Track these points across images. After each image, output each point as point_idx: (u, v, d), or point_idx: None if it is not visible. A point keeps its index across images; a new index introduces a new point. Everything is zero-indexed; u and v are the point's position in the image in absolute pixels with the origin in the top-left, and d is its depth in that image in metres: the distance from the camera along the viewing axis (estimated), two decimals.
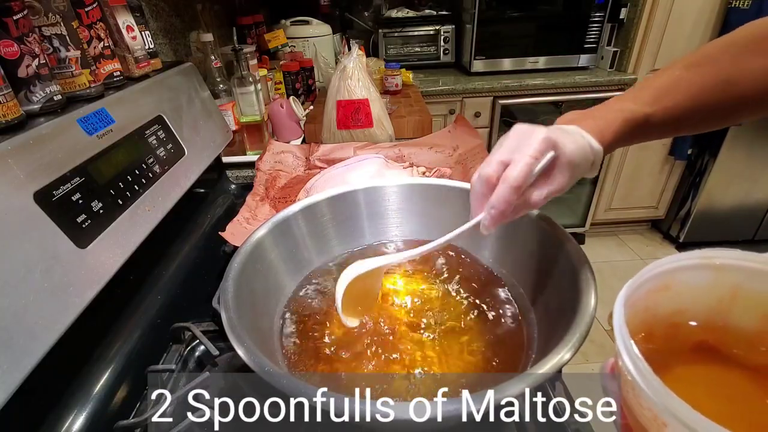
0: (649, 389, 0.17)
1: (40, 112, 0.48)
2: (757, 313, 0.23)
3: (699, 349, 0.23)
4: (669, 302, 0.23)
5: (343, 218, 0.55)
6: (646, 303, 0.23)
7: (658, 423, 0.18)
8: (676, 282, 0.23)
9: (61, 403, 0.43)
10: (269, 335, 0.42)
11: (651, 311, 0.23)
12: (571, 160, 0.34)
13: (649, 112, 0.37)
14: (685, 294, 0.23)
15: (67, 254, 0.41)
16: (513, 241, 0.50)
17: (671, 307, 0.23)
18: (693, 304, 0.23)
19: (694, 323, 0.24)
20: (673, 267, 0.23)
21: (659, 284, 0.23)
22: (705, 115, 0.37)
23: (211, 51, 1.02)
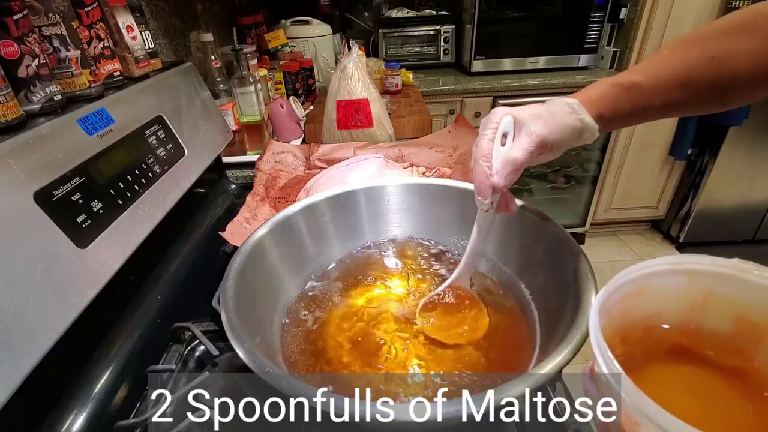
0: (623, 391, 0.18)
1: (40, 112, 0.48)
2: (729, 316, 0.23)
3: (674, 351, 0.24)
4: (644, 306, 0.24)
5: (343, 218, 0.55)
6: (621, 307, 0.23)
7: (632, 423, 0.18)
8: (650, 287, 0.24)
9: (61, 403, 0.43)
10: (269, 335, 0.42)
11: (627, 315, 0.24)
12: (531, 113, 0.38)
13: (637, 79, 0.38)
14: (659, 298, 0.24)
15: (67, 254, 0.41)
16: (513, 242, 0.50)
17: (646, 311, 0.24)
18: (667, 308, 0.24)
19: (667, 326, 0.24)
20: (645, 272, 0.23)
21: (633, 289, 0.23)
22: (692, 91, 0.37)
23: (211, 51, 1.02)
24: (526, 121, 0.37)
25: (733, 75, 0.36)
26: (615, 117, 0.39)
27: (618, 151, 1.88)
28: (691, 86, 0.37)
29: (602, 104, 0.38)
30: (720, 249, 2.01)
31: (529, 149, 0.36)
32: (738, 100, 0.38)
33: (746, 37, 0.35)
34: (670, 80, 0.37)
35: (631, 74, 0.39)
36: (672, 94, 0.38)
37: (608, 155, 1.87)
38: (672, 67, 0.37)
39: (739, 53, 0.35)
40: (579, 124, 0.38)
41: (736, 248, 2.01)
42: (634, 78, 0.38)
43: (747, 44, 0.35)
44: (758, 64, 0.35)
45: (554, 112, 0.38)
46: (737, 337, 0.23)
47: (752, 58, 0.35)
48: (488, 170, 0.37)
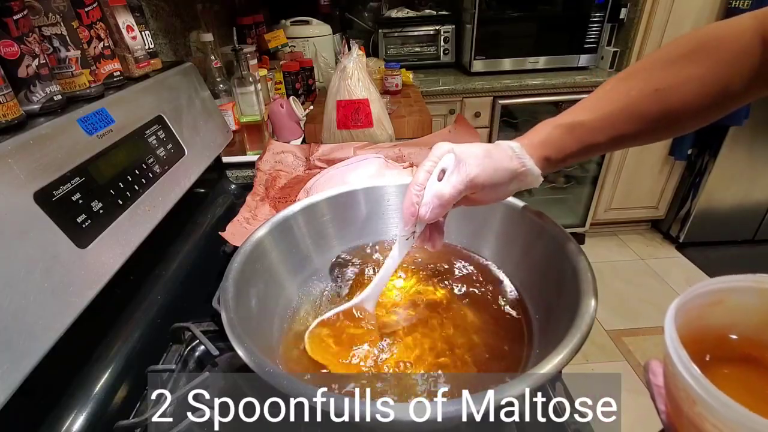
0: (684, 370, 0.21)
1: (40, 112, 0.48)
2: None
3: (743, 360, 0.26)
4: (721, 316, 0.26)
5: (343, 218, 0.55)
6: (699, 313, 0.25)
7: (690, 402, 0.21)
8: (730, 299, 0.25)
9: (61, 403, 0.43)
10: (269, 335, 0.42)
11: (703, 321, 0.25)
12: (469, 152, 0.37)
13: (581, 119, 0.37)
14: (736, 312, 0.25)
15: (67, 254, 0.41)
16: (513, 242, 0.50)
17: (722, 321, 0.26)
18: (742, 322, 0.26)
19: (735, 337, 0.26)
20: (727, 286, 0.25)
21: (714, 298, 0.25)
22: (640, 125, 0.37)
23: (211, 51, 1.02)
24: (462, 159, 0.37)
25: (680, 105, 0.35)
26: (564, 157, 0.39)
27: (618, 151, 1.88)
28: (637, 120, 0.37)
29: (547, 147, 0.38)
30: (720, 249, 2.01)
31: (457, 187, 0.37)
32: (688, 127, 0.38)
33: (692, 64, 0.34)
34: (615, 116, 0.37)
35: (574, 114, 0.38)
36: (618, 130, 0.37)
37: (608, 155, 1.87)
38: (616, 103, 0.37)
39: (685, 82, 0.34)
40: (520, 167, 0.38)
41: (736, 248, 2.02)
42: (577, 117, 0.38)
43: (693, 71, 0.34)
44: (705, 91, 0.34)
45: (493, 154, 0.38)
46: None
47: (699, 85, 0.34)
48: (416, 199, 0.38)
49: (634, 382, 1.43)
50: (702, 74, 0.34)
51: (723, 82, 0.34)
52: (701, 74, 0.34)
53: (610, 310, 1.73)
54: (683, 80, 0.35)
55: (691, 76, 0.34)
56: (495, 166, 0.37)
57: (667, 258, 2.02)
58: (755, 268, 0.25)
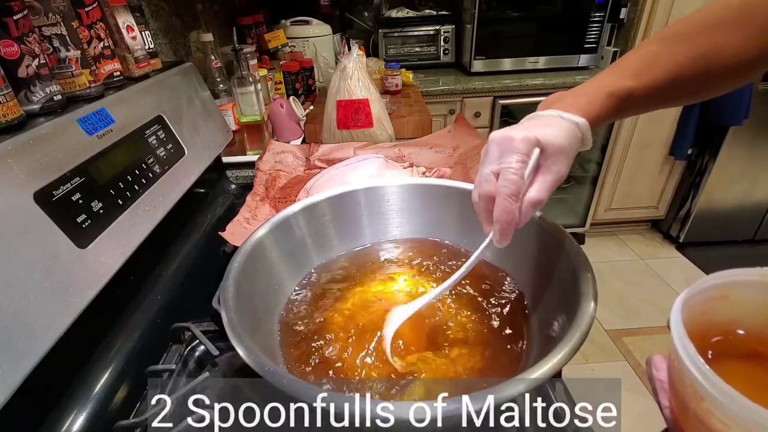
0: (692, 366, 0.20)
1: (40, 112, 0.48)
2: None
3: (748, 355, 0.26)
4: (726, 311, 0.25)
5: (343, 218, 0.55)
6: (704, 307, 0.25)
7: (697, 398, 0.21)
8: (735, 294, 0.25)
9: (61, 403, 0.43)
10: (269, 335, 0.42)
11: (708, 316, 0.25)
12: (559, 147, 0.35)
13: (632, 85, 0.37)
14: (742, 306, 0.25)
15: (67, 254, 0.41)
16: (513, 241, 0.49)
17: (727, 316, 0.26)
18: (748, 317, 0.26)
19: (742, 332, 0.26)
20: (734, 280, 0.25)
21: (719, 293, 0.25)
22: (685, 88, 0.38)
23: (211, 51, 1.02)
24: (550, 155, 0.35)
25: (720, 70, 0.36)
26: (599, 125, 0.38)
27: (618, 151, 1.88)
28: (679, 85, 0.37)
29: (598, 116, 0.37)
30: (720, 249, 2.01)
31: (552, 189, 0.35)
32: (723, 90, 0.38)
33: (731, 31, 0.35)
34: (660, 81, 0.37)
35: (623, 78, 0.37)
36: (659, 96, 0.38)
37: (608, 155, 1.87)
38: (662, 68, 0.36)
39: (724, 48, 0.35)
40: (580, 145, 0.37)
41: (736, 248, 2.01)
42: (630, 84, 0.37)
43: (731, 39, 0.35)
44: (739, 60, 0.35)
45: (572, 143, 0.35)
46: None
47: (735, 53, 0.35)
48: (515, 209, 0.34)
49: (634, 382, 1.43)
50: (738, 43, 0.35)
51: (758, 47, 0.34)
52: (738, 43, 0.35)
53: (610, 310, 1.73)
54: (723, 45, 0.35)
55: (729, 43, 0.35)
56: (573, 155, 0.36)
57: (667, 258, 2.02)
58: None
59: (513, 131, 0.35)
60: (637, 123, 1.82)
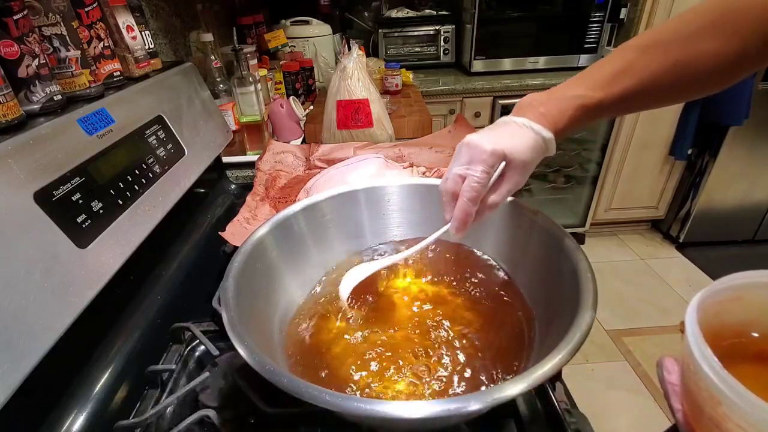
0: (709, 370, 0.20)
1: (40, 112, 0.48)
2: None
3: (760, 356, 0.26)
4: (740, 312, 0.25)
5: (343, 218, 0.55)
6: (717, 309, 0.25)
7: (713, 402, 0.20)
8: (750, 295, 0.25)
9: (61, 403, 0.43)
10: (270, 335, 0.42)
11: (721, 317, 0.25)
12: (523, 161, 0.38)
13: (602, 96, 0.38)
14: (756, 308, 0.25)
15: (67, 254, 0.41)
16: (513, 242, 0.50)
17: (741, 318, 0.25)
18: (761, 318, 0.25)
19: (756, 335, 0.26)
20: (749, 282, 0.25)
21: (733, 294, 0.25)
22: (655, 96, 0.38)
23: (211, 51, 1.02)
24: (514, 167, 0.39)
25: (695, 76, 0.36)
26: (569, 133, 0.41)
27: (618, 151, 1.88)
28: (653, 92, 0.37)
29: (567, 127, 0.39)
30: (720, 249, 2.01)
31: (507, 196, 0.40)
32: (695, 97, 0.39)
33: (709, 38, 0.34)
34: (634, 90, 0.37)
35: (595, 89, 0.38)
36: (632, 103, 0.38)
37: (608, 155, 1.87)
38: (635, 78, 0.37)
39: (703, 54, 0.35)
40: (546, 153, 0.40)
41: (736, 248, 2.02)
42: (599, 95, 0.38)
43: (711, 45, 0.34)
44: (721, 63, 0.35)
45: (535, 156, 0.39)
46: None
47: (716, 58, 0.34)
48: (472, 210, 0.39)
49: (634, 382, 1.43)
50: (718, 48, 0.34)
51: (739, 53, 0.34)
52: (718, 48, 0.34)
53: (610, 310, 1.73)
54: (700, 53, 0.35)
55: (708, 50, 0.34)
56: (533, 166, 0.39)
57: (667, 258, 2.02)
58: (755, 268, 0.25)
59: (484, 140, 0.38)
60: (637, 123, 1.82)
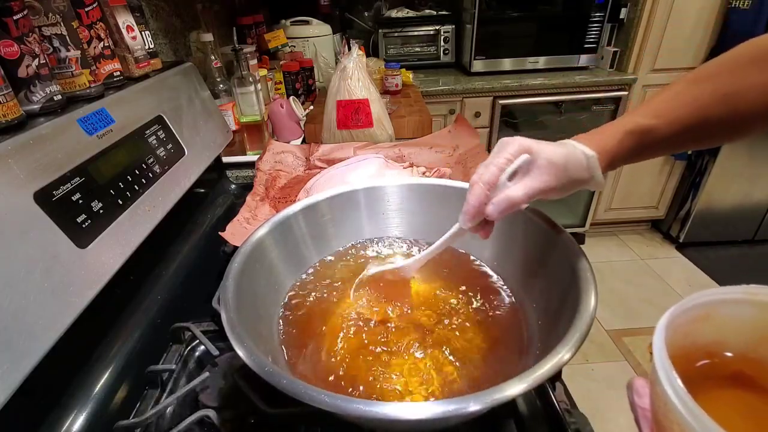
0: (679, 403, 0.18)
1: (40, 112, 0.48)
2: None
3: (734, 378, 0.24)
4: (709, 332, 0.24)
5: (343, 218, 0.55)
6: (686, 329, 0.23)
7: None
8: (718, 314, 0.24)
9: (61, 403, 0.43)
10: (269, 335, 0.42)
11: (690, 338, 0.24)
12: (550, 160, 0.37)
13: (653, 123, 0.37)
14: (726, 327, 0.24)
15: (67, 254, 0.41)
16: (513, 242, 0.50)
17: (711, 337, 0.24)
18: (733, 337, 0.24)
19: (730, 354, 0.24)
20: (716, 299, 0.23)
21: (701, 313, 0.24)
22: (707, 130, 0.37)
23: (211, 51, 1.02)
24: (540, 165, 0.37)
25: (746, 108, 0.35)
26: (621, 163, 0.40)
27: None
28: (706, 125, 0.37)
29: (616, 153, 0.38)
30: (720, 249, 2.01)
31: (532, 195, 0.37)
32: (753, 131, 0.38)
33: (756, 70, 0.35)
34: (684, 121, 0.37)
35: (645, 117, 0.38)
36: (685, 135, 0.38)
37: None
38: (685, 108, 0.37)
39: (752, 87, 0.35)
40: (588, 178, 0.38)
41: (736, 248, 2.01)
42: (649, 122, 0.38)
43: (758, 78, 0.35)
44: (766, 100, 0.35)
45: (569, 165, 0.37)
46: None
47: (763, 92, 0.34)
48: (485, 199, 0.37)
49: None
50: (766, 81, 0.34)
51: None
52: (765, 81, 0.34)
53: (610, 310, 1.73)
54: (750, 86, 0.35)
55: (757, 83, 0.35)
56: (569, 177, 0.37)
57: (667, 258, 2.02)
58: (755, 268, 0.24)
59: (516, 137, 0.38)
60: None
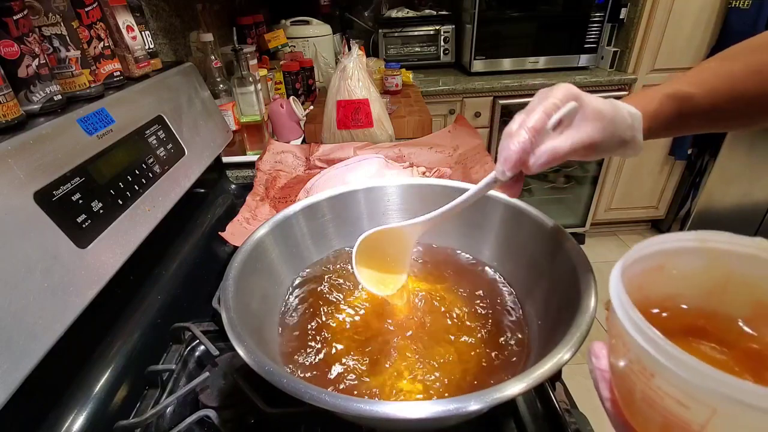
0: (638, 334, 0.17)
1: (40, 112, 0.48)
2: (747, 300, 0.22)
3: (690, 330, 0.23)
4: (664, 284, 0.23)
5: (343, 218, 0.55)
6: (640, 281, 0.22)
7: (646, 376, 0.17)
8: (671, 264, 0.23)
9: (61, 403, 0.43)
10: (269, 335, 0.42)
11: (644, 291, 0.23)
12: (598, 110, 0.34)
13: (693, 91, 0.37)
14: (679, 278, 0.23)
15: (67, 254, 0.41)
16: (513, 242, 0.50)
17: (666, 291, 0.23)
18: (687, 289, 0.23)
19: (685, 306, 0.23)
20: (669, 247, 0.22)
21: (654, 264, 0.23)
22: (742, 104, 0.38)
23: (211, 51, 1.02)
24: (587, 116, 0.34)
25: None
26: (660, 131, 0.38)
27: None
28: (738, 99, 0.37)
29: (656, 118, 0.37)
30: None
31: (576, 147, 0.34)
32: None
33: None
34: (722, 92, 0.37)
35: (685, 85, 0.38)
36: (723, 108, 0.38)
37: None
38: (720, 79, 0.37)
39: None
40: (630, 139, 0.36)
41: None
42: (689, 90, 0.37)
43: None
44: None
45: (617, 119, 0.35)
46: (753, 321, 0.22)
47: None
48: (528, 145, 0.33)
49: None
50: None
51: None
52: None
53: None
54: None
55: None
56: (614, 132, 0.35)
57: None
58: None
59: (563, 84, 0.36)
60: None
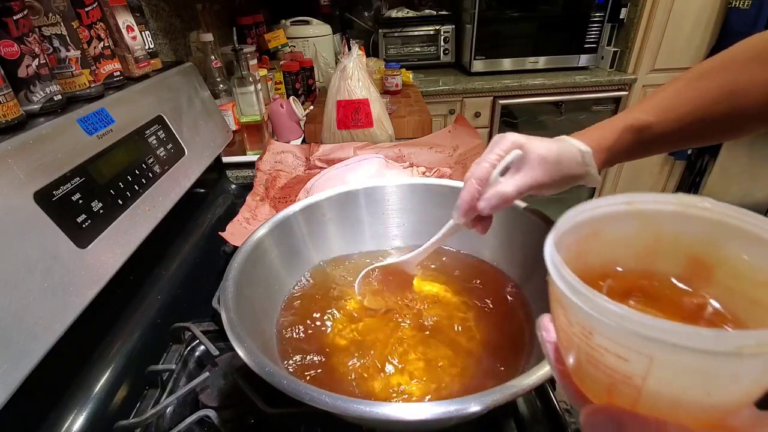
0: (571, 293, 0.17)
1: (40, 112, 0.48)
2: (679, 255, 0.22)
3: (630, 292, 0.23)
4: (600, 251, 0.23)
5: (343, 218, 0.55)
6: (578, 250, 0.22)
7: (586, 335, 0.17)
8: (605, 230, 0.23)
9: (61, 403, 0.43)
10: (269, 335, 0.42)
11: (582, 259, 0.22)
12: (541, 156, 0.37)
13: (652, 120, 0.37)
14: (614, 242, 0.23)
15: (67, 254, 0.41)
16: (513, 242, 0.50)
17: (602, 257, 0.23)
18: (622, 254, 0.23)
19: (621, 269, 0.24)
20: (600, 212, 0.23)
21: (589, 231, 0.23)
22: (708, 127, 0.37)
23: (211, 51, 1.02)
24: (530, 161, 0.37)
25: (749, 107, 0.35)
26: (622, 158, 0.40)
27: None
28: (706, 123, 0.37)
29: (615, 149, 0.38)
30: None
31: (522, 190, 0.37)
32: (751, 131, 0.38)
33: (758, 66, 0.34)
34: (685, 118, 0.37)
35: (645, 113, 0.38)
36: (685, 133, 0.38)
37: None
38: (686, 104, 0.37)
39: (752, 85, 0.35)
40: (583, 173, 0.38)
41: None
42: (647, 119, 0.37)
43: (760, 75, 0.34)
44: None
45: (562, 160, 0.37)
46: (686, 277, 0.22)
47: (766, 88, 0.34)
48: (477, 194, 0.38)
49: None
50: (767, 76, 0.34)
51: None
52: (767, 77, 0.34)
53: None
54: (752, 82, 0.35)
55: (759, 79, 0.35)
56: (562, 173, 0.37)
57: None
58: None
59: (509, 133, 0.39)
60: None
